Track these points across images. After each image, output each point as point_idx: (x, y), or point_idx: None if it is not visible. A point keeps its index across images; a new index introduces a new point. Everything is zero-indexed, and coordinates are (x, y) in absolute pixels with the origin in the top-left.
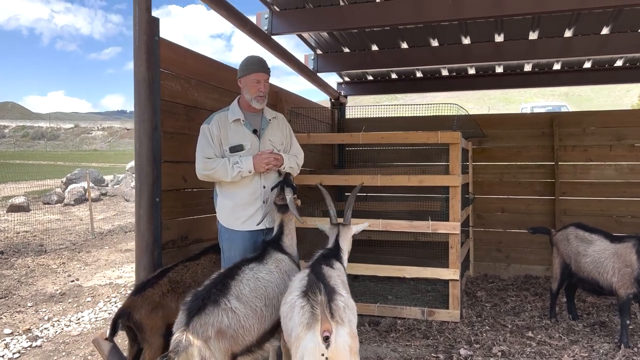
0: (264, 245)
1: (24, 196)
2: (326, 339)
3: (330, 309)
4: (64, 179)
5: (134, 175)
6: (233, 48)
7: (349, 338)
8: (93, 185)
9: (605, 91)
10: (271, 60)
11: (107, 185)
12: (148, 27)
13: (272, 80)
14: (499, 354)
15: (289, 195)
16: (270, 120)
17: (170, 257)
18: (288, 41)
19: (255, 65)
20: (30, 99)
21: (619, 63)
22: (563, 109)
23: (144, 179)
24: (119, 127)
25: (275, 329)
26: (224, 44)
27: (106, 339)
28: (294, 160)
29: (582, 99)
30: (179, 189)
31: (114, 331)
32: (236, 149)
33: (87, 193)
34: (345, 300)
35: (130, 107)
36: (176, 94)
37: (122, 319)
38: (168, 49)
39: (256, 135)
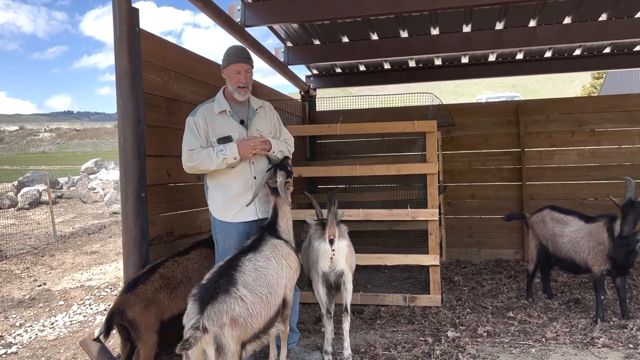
0: (260, 231)
1: None
2: (331, 242)
3: (336, 220)
4: (15, 183)
5: (90, 176)
6: (183, 45)
7: (347, 248)
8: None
9: (550, 82)
10: None
11: (62, 188)
12: (129, 18)
13: None
14: (485, 334)
15: (280, 178)
16: (257, 109)
17: (157, 253)
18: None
19: (234, 56)
20: None
21: (577, 52)
22: (516, 99)
23: (130, 174)
24: (67, 128)
25: (278, 314)
26: (174, 41)
27: (94, 339)
28: (283, 145)
29: (529, 90)
30: (163, 184)
31: (108, 330)
32: (224, 140)
33: (41, 196)
34: (346, 230)
35: (77, 107)
36: (157, 86)
37: (116, 318)
38: (149, 40)
39: (243, 125)
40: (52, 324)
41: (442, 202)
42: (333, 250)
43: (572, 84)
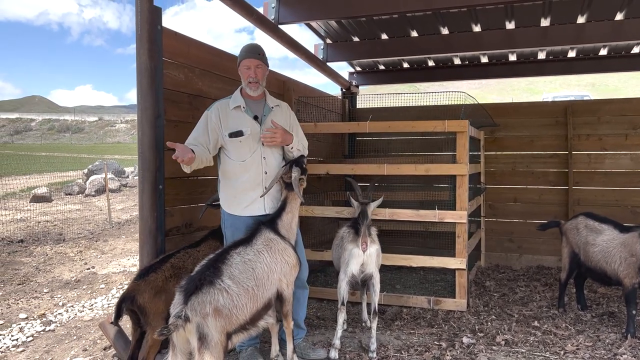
0: (257, 225)
1: (46, 187)
2: (364, 250)
3: (368, 231)
4: (85, 170)
5: None
6: (255, 41)
7: (375, 252)
8: (114, 176)
9: (634, 80)
10: (281, 51)
11: (127, 177)
12: (150, 16)
13: (286, 72)
14: (502, 342)
15: (294, 173)
16: (272, 107)
17: (174, 244)
18: (302, 31)
19: (244, 52)
20: (57, 93)
21: (636, 50)
22: (586, 98)
23: (147, 167)
24: None
25: (268, 307)
26: (248, 38)
27: (111, 322)
28: (300, 145)
29: (609, 88)
30: (182, 177)
31: (118, 315)
32: (236, 134)
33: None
34: (375, 233)
35: None
36: (180, 83)
37: (126, 303)
38: (171, 38)
39: (257, 121)
40: (92, 305)
41: (482, 205)
42: (365, 254)
43: None
